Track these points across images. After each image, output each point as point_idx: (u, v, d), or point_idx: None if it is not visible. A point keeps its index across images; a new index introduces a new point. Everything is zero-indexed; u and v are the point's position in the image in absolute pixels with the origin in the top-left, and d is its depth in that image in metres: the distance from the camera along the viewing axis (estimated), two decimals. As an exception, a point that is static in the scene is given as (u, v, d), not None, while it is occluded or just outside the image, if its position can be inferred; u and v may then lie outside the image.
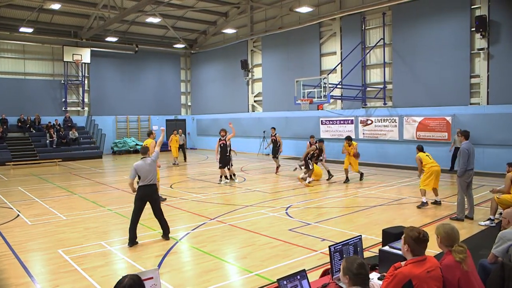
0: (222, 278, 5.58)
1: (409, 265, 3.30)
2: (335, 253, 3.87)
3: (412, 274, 3.21)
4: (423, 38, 16.90)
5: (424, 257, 3.35)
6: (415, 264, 3.29)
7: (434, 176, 9.64)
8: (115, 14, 20.06)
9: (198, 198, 11.40)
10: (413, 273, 3.22)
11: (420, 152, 10.01)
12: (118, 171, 18.37)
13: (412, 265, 3.29)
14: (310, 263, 5.92)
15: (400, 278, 3.23)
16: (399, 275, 3.24)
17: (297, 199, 10.93)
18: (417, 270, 3.23)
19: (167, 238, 7.28)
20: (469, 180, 8.52)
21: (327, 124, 20.47)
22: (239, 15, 24.77)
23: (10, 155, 20.99)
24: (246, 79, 25.45)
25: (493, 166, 14.78)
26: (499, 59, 14.92)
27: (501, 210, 7.62)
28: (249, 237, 7.45)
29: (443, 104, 16.40)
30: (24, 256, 6.53)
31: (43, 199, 11.40)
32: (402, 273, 3.25)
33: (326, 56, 20.92)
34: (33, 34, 23.09)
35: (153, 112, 28.88)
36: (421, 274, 3.21)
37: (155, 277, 3.18)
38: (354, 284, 2.97)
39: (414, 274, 3.21)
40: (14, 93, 23.66)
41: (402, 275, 3.23)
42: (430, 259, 3.37)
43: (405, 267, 3.30)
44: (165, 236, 7.33)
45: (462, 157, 8.37)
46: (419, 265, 3.28)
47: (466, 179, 8.44)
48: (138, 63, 27.97)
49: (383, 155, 18.38)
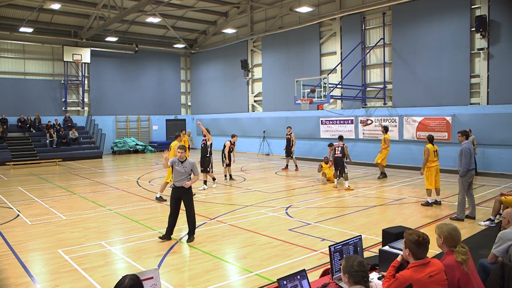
0: (222, 278, 5.58)
1: (410, 269, 3.27)
2: (335, 253, 3.88)
3: (413, 278, 3.19)
4: (423, 38, 16.90)
5: (427, 261, 3.31)
6: (417, 268, 3.26)
7: (436, 174, 9.70)
8: (115, 14, 20.06)
9: (198, 198, 11.40)
10: (414, 277, 3.20)
11: (430, 143, 9.80)
12: (118, 171, 18.37)
13: (413, 269, 3.26)
14: (310, 263, 5.92)
15: (401, 282, 3.22)
16: (400, 279, 3.23)
17: (297, 199, 10.93)
18: (418, 275, 3.21)
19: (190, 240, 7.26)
20: (471, 180, 8.55)
21: (327, 124, 20.47)
22: (239, 15, 24.77)
23: (10, 155, 20.98)
24: (246, 79, 25.45)
25: (493, 166, 14.79)
26: (499, 59, 14.91)
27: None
28: (249, 237, 7.45)
29: (443, 104, 16.40)
30: (24, 256, 6.53)
31: (43, 199, 11.40)
32: (403, 276, 3.23)
33: (326, 56, 20.92)
34: (33, 34, 23.09)
35: (153, 112, 28.89)
36: (423, 279, 3.18)
37: (155, 277, 3.18)
38: (354, 282, 2.97)
39: (415, 278, 3.19)
40: (14, 93, 23.65)
41: (403, 279, 3.22)
42: (434, 262, 3.33)
43: (406, 271, 3.28)
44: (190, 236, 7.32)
45: (465, 157, 8.38)
46: (421, 269, 3.25)
47: (468, 179, 8.47)
48: (138, 63, 27.97)
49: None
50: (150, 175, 16.25)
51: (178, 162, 7.28)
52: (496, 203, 7.98)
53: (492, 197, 10.61)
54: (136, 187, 13.40)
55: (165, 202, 10.54)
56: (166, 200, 10.81)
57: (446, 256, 3.55)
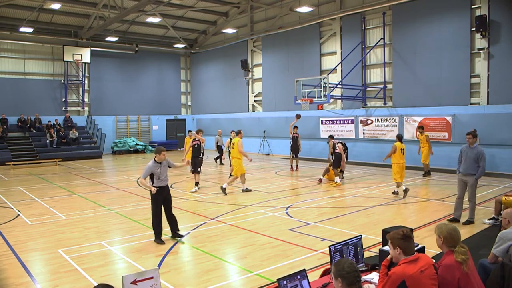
0: (222, 278, 5.58)
1: (402, 265, 3.29)
2: (335, 253, 3.88)
3: (406, 274, 3.21)
4: (423, 38, 16.89)
5: (416, 257, 3.34)
6: (408, 264, 3.28)
7: (403, 170, 11.23)
8: (115, 14, 20.05)
9: (198, 198, 11.40)
10: (407, 273, 3.21)
11: (399, 142, 11.24)
12: (118, 171, 18.37)
13: (405, 265, 3.28)
14: (310, 263, 5.92)
15: (394, 279, 3.23)
16: (392, 276, 3.24)
17: (297, 199, 10.93)
18: (410, 270, 3.23)
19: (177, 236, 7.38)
20: None
21: (327, 124, 20.48)
22: (239, 15, 24.77)
23: (10, 155, 20.98)
24: (246, 79, 25.44)
25: (493, 166, 14.77)
26: (499, 59, 14.91)
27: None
28: (249, 237, 7.45)
29: (443, 104, 16.40)
30: (24, 256, 6.53)
31: (43, 199, 11.40)
32: (396, 273, 3.25)
33: (326, 56, 20.91)
34: (33, 34, 23.08)
35: (153, 112, 28.89)
36: (415, 274, 3.21)
37: (155, 277, 3.19)
38: (348, 285, 2.95)
39: (408, 274, 3.21)
40: (14, 93, 23.65)
41: (396, 276, 3.23)
42: (422, 258, 3.37)
43: (398, 267, 3.30)
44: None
45: (485, 160, 7.83)
46: (412, 264, 3.27)
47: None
48: (138, 63, 27.96)
49: (383, 155, 18.24)
50: (150, 175, 16.22)
51: (158, 164, 7.14)
52: (496, 204, 7.97)
53: (492, 197, 10.62)
54: (136, 187, 13.39)
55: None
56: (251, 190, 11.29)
57: (446, 256, 3.55)
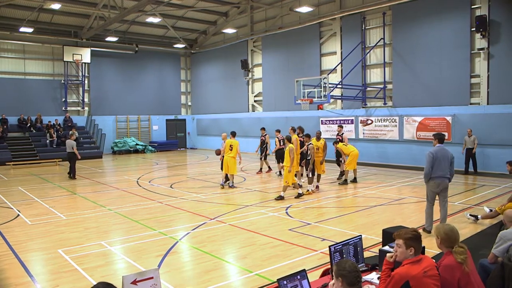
0: (222, 278, 5.58)
1: (406, 266, 3.30)
2: (335, 253, 3.88)
3: (410, 275, 3.22)
4: (423, 38, 16.90)
5: (420, 258, 3.35)
6: (411, 264, 3.29)
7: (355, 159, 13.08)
8: (115, 14, 20.05)
9: (198, 198, 11.40)
10: (410, 274, 3.22)
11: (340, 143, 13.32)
12: (118, 171, 18.37)
13: (409, 265, 3.29)
14: (310, 263, 5.92)
15: (397, 280, 3.23)
16: (396, 276, 3.25)
17: (297, 199, 10.93)
18: (414, 271, 3.23)
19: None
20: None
21: (327, 124, 20.47)
22: (239, 15, 24.77)
23: (10, 155, 20.98)
24: (246, 79, 25.44)
25: (493, 166, 14.78)
26: (499, 59, 14.91)
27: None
28: (249, 237, 7.45)
29: (443, 104, 16.40)
30: (24, 256, 6.52)
31: (43, 199, 11.40)
32: (399, 274, 3.25)
33: (326, 56, 20.91)
34: (33, 34, 23.06)
35: (153, 112, 28.88)
36: (418, 275, 3.21)
37: (155, 277, 3.18)
38: (348, 284, 2.94)
39: (411, 275, 3.21)
40: (14, 93, 23.62)
41: (399, 276, 3.24)
42: (426, 259, 3.37)
43: (402, 268, 3.30)
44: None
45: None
46: (415, 265, 3.28)
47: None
48: (138, 63, 27.95)
49: (383, 155, 18.38)
50: (150, 175, 16.25)
51: None
52: (494, 213, 8.02)
53: (492, 197, 10.65)
54: (136, 187, 13.40)
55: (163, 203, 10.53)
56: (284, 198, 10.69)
57: (445, 256, 3.55)
